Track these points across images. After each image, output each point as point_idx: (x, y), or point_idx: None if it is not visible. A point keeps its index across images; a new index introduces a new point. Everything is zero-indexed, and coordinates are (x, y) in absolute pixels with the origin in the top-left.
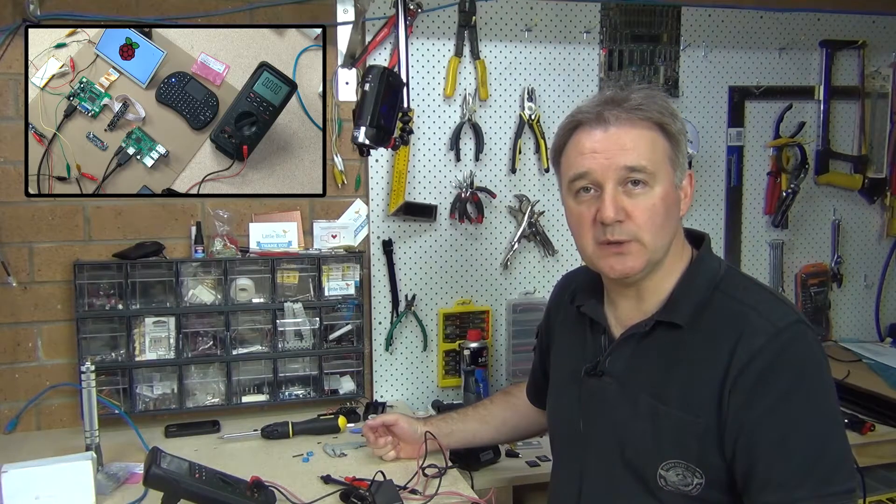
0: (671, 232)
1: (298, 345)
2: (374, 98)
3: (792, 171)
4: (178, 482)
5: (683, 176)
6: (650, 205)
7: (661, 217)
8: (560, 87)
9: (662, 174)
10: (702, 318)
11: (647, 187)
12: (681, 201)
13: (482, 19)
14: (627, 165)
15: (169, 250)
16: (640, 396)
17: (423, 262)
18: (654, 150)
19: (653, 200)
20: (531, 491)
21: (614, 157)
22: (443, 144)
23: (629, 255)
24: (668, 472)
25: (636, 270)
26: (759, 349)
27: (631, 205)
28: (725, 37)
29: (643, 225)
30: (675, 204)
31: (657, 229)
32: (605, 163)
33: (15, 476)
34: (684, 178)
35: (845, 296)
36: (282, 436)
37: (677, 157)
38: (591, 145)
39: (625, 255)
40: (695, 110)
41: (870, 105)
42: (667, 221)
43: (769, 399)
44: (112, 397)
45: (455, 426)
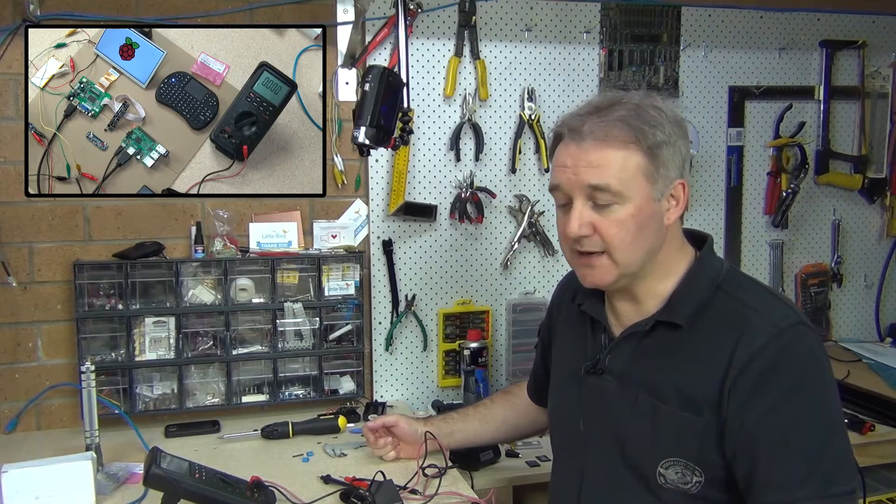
0: (646, 245)
1: (298, 345)
2: (374, 98)
3: (792, 171)
4: (178, 482)
5: (668, 187)
6: (618, 220)
7: (630, 233)
8: (560, 87)
9: (634, 191)
10: (702, 318)
11: (615, 204)
12: (666, 212)
13: (482, 19)
14: (591, 184)
15: (169, 250)
16: (639, 395)
17: (423, 262)
18: (623, 168)
19: (621, 216)
20: (531, 491)
21: (581, 174)
22: (443, 144)
23: (598, 268)
24: (668, 471)
25: (606, 282)
26: (759, 349)
27: (598, 220)
28: (725, 37)
29: (610, 240)
30: (651, 217)
31: (626, 245)
32: (573, 178)
33: (15, 476)
34: (669, 189)
35: (845, 296)
36: (282, 436)
37: (657, 170)
38: (564, 159)
39: (594, 268)
40: (695, 110)
41: (870, 105)
42: (639, 236)
43: (770, 399)
44: (112, 397)
45: (455, 426)
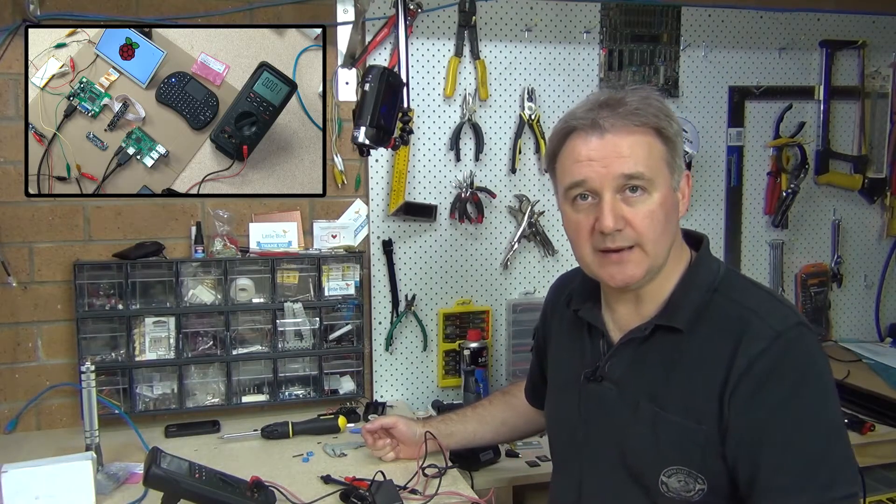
0: (671, 236)
1: (298, 345)
2: (374, 98)
3: (792, 171)
4: (178, 482)
5: (681, 178)
6: (649, 211)
7: (661, 223)
8: (560, 87)
9: (660, 179)
10: (701, 322)
11: (645, 193)
12: (679, 203)
13: (482, 19)
14: (626, 173)
15: (169, 250)
16: (640, 402)
17: (423, 262)
18: (651, 155)
19: (652, 206)
20: (531, 491)
21: (611, 164)
22: (443, 144)
23: (630, 263)
24: (670, 479)
25: (637, 278)
26: (759, 353)
27: (630, 212)
28: (725, 37)
29: (644, 232)
30: (673, 208)
31: (658, 235)
32: (602, 171)
33: (15, 476)
34: (682, 180)
35: (845, 296)
36: (282, 436)
37: (674, 159)
38: (587, 153)
39: (625, 264)
40: (695, 110)
41: (870, 105)
42: (667, 226)
43: (770, 404)
44: (112, 397)
45: (455, 427)
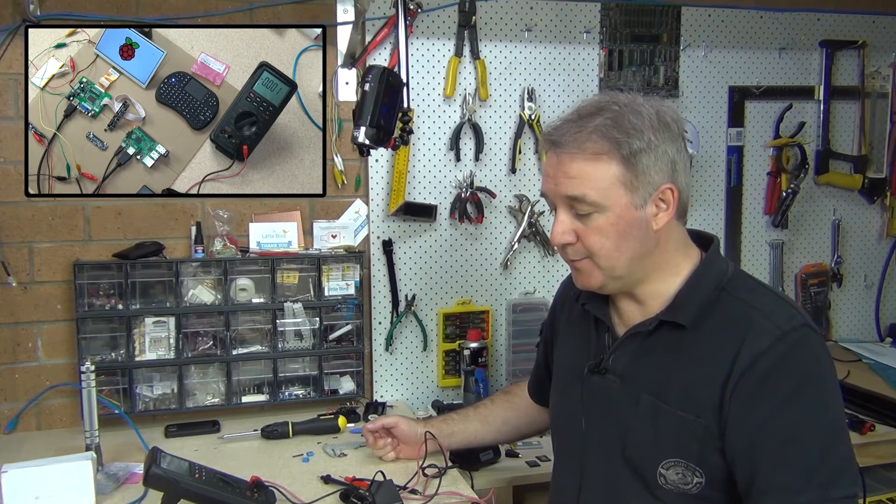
0: (629, 251)
1: (298, 345)
2: (374, 98)
3: (792, 171)
4: (178, 482)
5: (652, 193)
6: (598, 228)
7: (611, 240)
8: (560, 87)
9: (612, 200)
10: (706, 319)
11: (595, 212)
12: (653, 217)
13: (482, 19)
14: (568, 195)
15: (169, 250)
16: (641, 395)
17: (423, 262)
18: (599, 178)
19: (600, 225)
20: (531, 491)
21: (560, 184)
22: (443, 144)
23: (583, 273)
24: (669, 471)
25: (593, 286)
26: (763, 352)
27: (582, 229)
28: (725, 37)
29: (592, 248)
30: (632, 225)
31: (608, 252)
32: (553, 188)
33: (15, 476)
34: (656, 194)
35: (845, 296)
36: (282, 436)
37: (636, 178)
38: (547, 168)
39: (581, 272)
40: (695, 110)
41: (870, 105)
42: (620, 243)
43: (772, 402)
44: (112, 397)
45: (456, 427)
